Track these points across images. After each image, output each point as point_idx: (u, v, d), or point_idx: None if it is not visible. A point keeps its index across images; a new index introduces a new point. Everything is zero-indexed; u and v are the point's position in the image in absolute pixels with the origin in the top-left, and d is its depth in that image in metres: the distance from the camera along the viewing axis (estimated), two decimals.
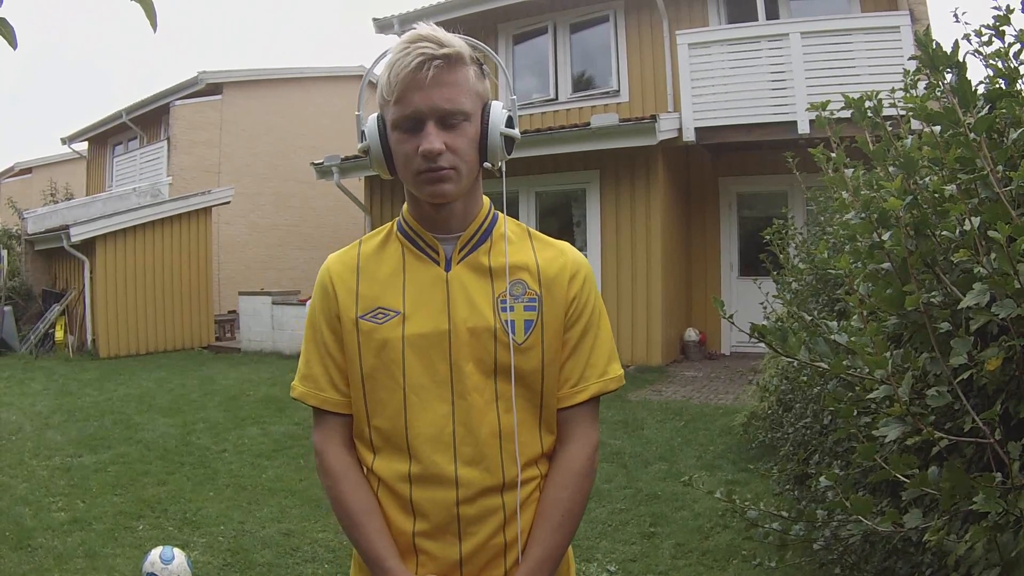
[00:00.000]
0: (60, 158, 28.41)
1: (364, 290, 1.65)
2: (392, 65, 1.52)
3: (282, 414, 9.30)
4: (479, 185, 1.69)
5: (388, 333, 1.60)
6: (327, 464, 1.65)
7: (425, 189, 1.56)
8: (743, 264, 13.05)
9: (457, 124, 1.53)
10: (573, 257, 1.70)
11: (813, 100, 2.88)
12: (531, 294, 1.63)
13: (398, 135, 1.55)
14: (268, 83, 20.85)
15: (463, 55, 1.54)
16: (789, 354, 1.84)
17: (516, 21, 14.58)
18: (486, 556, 1.58)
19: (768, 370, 6.35)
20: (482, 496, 1.56)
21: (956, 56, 1.82)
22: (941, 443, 1.63)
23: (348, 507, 1.61)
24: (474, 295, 1.61)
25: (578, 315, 1.66)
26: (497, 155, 1.60)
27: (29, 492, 6.27)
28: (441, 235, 1.65)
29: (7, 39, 1.69)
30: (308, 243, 21.17)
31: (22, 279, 17.18)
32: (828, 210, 4.56)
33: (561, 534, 1.59)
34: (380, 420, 1.61)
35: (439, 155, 1.51)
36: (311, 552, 4.96)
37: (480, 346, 1.59)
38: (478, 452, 1.56)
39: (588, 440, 1.66)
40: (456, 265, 1.64)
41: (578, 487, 1.62)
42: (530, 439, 1.62)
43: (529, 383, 1.61)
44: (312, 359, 1.70)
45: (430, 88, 1.50)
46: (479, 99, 1.58)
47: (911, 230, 1.79)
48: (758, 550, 3.82)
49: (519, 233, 1.73)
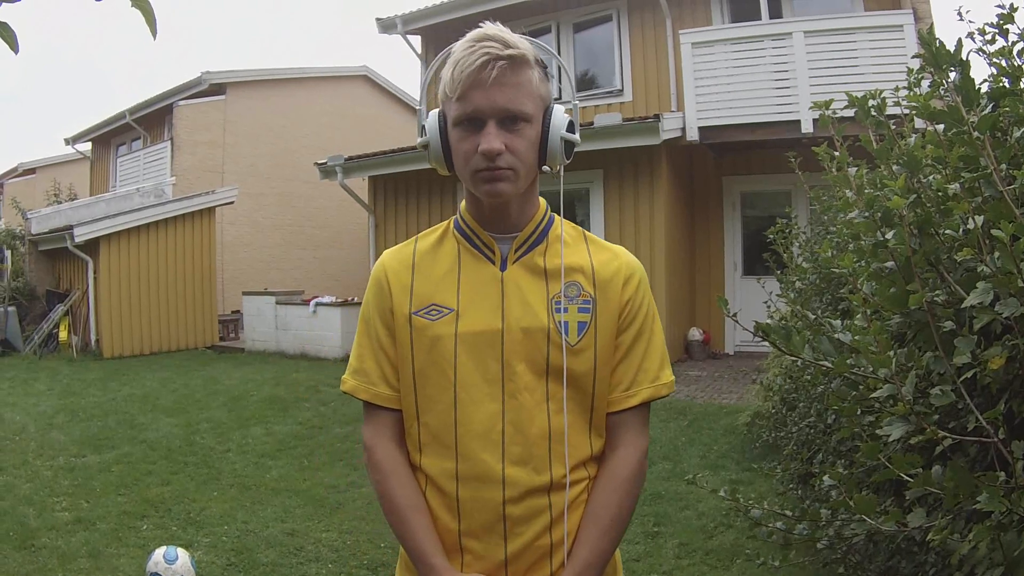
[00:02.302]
0: (64, 158, 28.41)
1: (419, 287, 1.65)
2: (457, 63, 1.52)
3: (286, 414, 9.31)
4: (536, 186, 1.69)
5: (441, 330, 1.60)
6: (377, 459, 1.65)
7: (482, 188, 1.56)
8: (747, 263, 13.03)
9: (518, 126, 1.53)
10: (627, 260, 1.70)
11: (816, 99, 2.87)
12: (585, 296, 1.63)
13: (459, 132, 1.55)
14: (271, 83, 20.85)
15: (528, 57, 1.54)
16: (793, 353, 1.83)
17: (519, 21, 14.54)
18: (532, 557, 1.57)
19: (772, 369, 6.34)
20: (529, 496, 1.55)
21: (959, 54, 1.82)
22: (945, 442, 1.63)
23: (396, 503, 1.60)
24: (528, 295, 1.61)
25: (632, 319, 1.66)
26: (556, 159, 1.60)
27: (33, 492, 6.28)
28: (497, 234, 1.65)
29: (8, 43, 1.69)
30: (312, 243, 21.17)
31: (26, 279, 17.21)
32: (832, 209, 4.56)
33: (609, 538, 1.59)
34: (429, 417, 1.60)
35: (498, 155, 1.50)
36: (315, 552, 4.96)
37: (533, 346, 1.58)
38: (527, 452, 1.56)
39: (638, 445, 1.65)
40: (512, 265, 1.64)
41: (627, 492, 1.62)
42: (579, 441, 1.61)
43: (581, 385, 1.60)
44: (364, 353, 1.69)
45: (492, 88, 1.49)
46: (541, 102, 1.58)
47: (915, 229, 1.79)
48: (762, 549, 3.82)
49: (575, 235, 1.73)
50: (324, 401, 9.96)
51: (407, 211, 14.23)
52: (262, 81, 20.68)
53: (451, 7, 14.59)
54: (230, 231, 19.27)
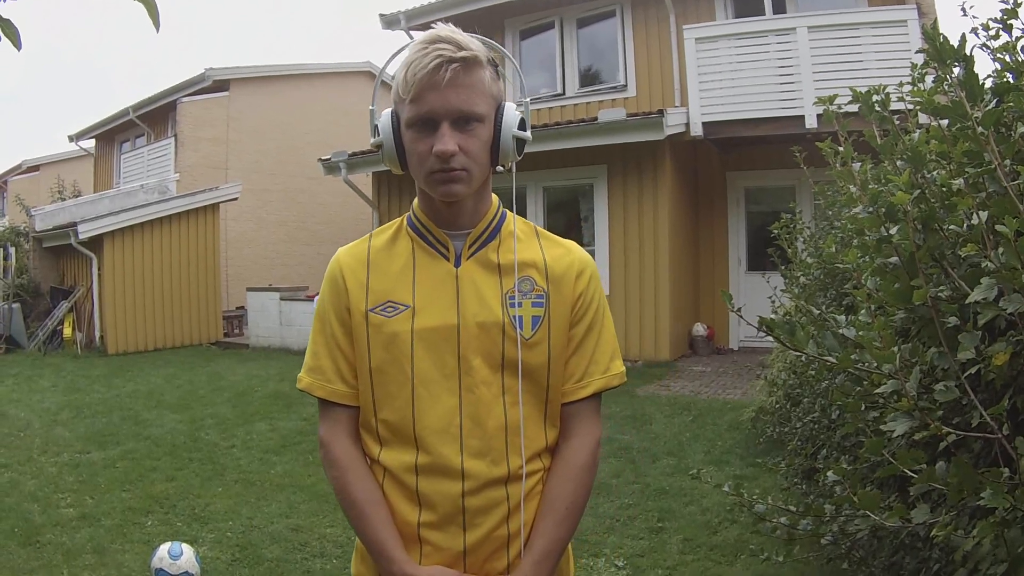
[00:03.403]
0: (67, 155, 28.48)
1: (374, 284, 1.66)
2: (410, 64, 1.53)
3: (290, 410, 9.32)
4: (489, 183, 1.71)
5: (398, 326, 1.62)
6: (333, 455, 1.66)
7: (437, 189, 1.58)
8: (751, 259, 13.02)
9: (471, 126, 1.55)
10: (579, 255, 1.73)
11: (821, 94, 2.87)
12: (539, 291, 1.65)
13: (412, 133, 1.57)
14: (275, 79, 20.85)
15: (480, 58, 1.55)
16: (797, 348, 1.83)
17: (523, 16, 14.54)
18: (490, 547, 1.60)
19: (776, 364, 6.34)
20: (487, 488, 1.58)
21: (963, 50, 1.82)
22: (949, 438, 1.63)
23: (353, 497, 1.62)
24: (483, 291, 1.63)
25: (584, 312, 1.69)
26: (508, 157, 1.63)
27: (38, 488, 6.30)
28: (451, 231, 1.67)
29: (11, 40, 1.70)
30: (316, 239, 21.18)
31: (30, 276, 17.25)
32: (836, 204, 4.56)
33: (565, 527, 1.62)
34: (388, 413, 1.62)
35: (452, 156, 1.52)
36: (320, 547, 4.98)
37: (489, 340, 1.61)
38: (485, 445, 1.58)
39: (591, 435, 1.69)
40: (466, 261, 1.66)
41: (581, 481, 1.65)
42: (535, 433, 1.64)
43: (535, 378, 1.63)
44: (320, 351, 1.70)
45: (446, 90, 1.51)
46: (493, 101, 1.60)
47: (919, 224, 1.79)
48: (766, 544, 3.82)
49: (527, 231, 1.75)
50: None
51: (410, 206, 14.18)
52: (266, 77, 20.69)
53: (454, 3, 14.55)
54: (234, 227, 19.29)
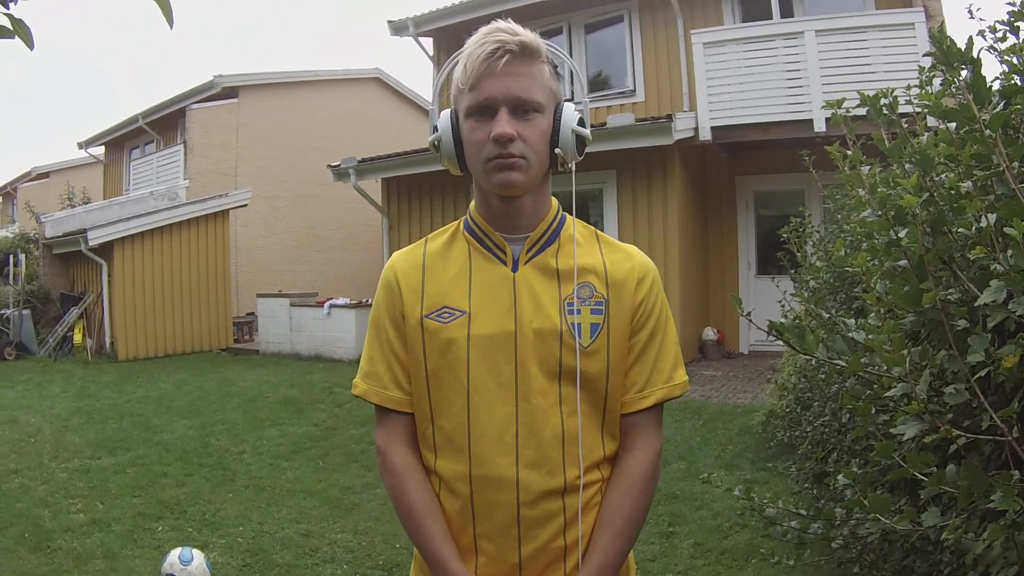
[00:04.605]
0: (77, 162, 28.64)
1: (430, 289, 1.63)
2: (469, 55, 1.53)
3: (301, 416, 9.34)
4: (548, 185, 1.67)
5: (453, 333, 1.58)
6: (391, 463, 1.63)
7: (494, 177, 1.54)
8: (761, 263, 13.01)
9: (529, 115, 1.53)
10: (641, 261, 1.68)
11: (829, 98, 2.87)
12: (598, 297, 1.61)
13: (471, 123, 1.55)
14: (284, 86, 20.92)
15: (539, 48, 1.55)
16: (807, 352, 1.83)
17: (531, 22, 14.37)
18: (546, 559, 1.56)
19: (786, 368, 6.33)
20: (543, 499, 1.54)
21: (971, 52, 1.82)
22: (959, 441, 1.63)
23: (411, 507, 1.59)
24: (541, 296, 1.59)
25: (645, 320, 1.64)
26: (568, 152, 1.58)
27: (48, 494, 6.32)
28: (509, 235, 1.63)
29: (24, 40, 1.71)
30: (325, 245, 21.23)
31: (40, 283, 17.32)
32: (845, 208, 4.55)
33: (622, 540, 1.58)
34: (444, 420, 1.59)
35: (510, 141, 1.50)
36: (330, 553, 4.98)
37: (545, 348, 1.56)
38: (540, 455, 1.54)
39: (652, 446, 1.64)
40: (523, 266, 1.62)
41: (641, 493, 1.60)
42: (593, 443, 1.60)
43: (594, 387, 1.59)
44: (375, 357, 1.67)
45: (503, 75, 1.50)
46: (552, 96, 1.58)
47: (927, 227, 1.78)
48: (777, 549, 3.81)
49: (587, 235, 1.71)
50: (339, 403, 9.98)
51: (420, 212, 14.25)
52: (275, 84, 20.76)
53: (463, 8, 14.60)
54: (244, 233, 19.33)
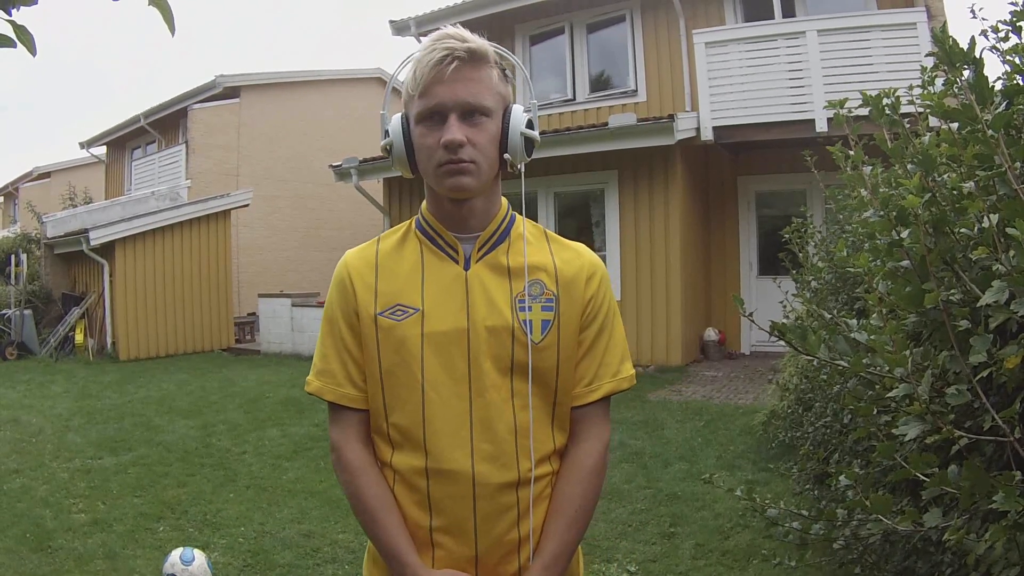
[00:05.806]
0: (78, 162, 28.63)
1: (383, 287, 1.66)
2: (418, 61, 1.55)
3: (302, 416, 9.33)
4: (498, 186, 1.71)
5: (407, 330, 1.61)
6: (345, 459, 1.65)
7: (445, 182, 1.57)
8: (762, 263, 12.99)
9: (479, 120, 1.56)
10: (590, 259, 1.72)
11: (831, 98, 2.87)
12: (549, 294, 1.64)
13: (421, 129, 1.58)
14: (285, 86, 20.93)
15: (487, 54, 1.57)
16: (809, 353, 1.83)
17: (533, 22, 14.57)
18: (501, 551, 1.60)
19: (788, 369, 6.33)
20: (498, 492, 1.57)
21: (973, 52, 1.82)
22: (961, 442, 1.62)
23: (366, 502, 1.62)
24: (493, 294, 1.62)
25: (594, 316, 1.68)
26: (517, 155, 1.62)
27: (50, 494, 6.32)
28: (460, 234, 1.66)
29: (26, 46, 1.71)
30: (327, 245, 21.21)
31: (42, 283, 17.34)
32: (847, 208, 4.54)
33: (575, 529, 1.62)
34: (399, 416, 1.61)
35: (460, 147, 1.53)
36: (331, 553, 4.98)
37: (499, 344, 1.60)
38: (496, 449, 1.58)
39: (600, 438, 1.68)
40: (475, 264, 1.65)
41: (591, 483, 1.65)
42: (544, 436, 1.63)
43: (544, 381, 1.62)
44: (329, 354, 1.70)
45: (453, 81, 1.52)
46: (501, 100, 1.60)
47: (930, 228, 1.78)
48: (778, 549, 3.81)
49: (536, 234, 1.74)
50: None
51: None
52: (276, 84, 20.78)
53: (464, 8, 14.61)
54: (245, 234, 19.34)
